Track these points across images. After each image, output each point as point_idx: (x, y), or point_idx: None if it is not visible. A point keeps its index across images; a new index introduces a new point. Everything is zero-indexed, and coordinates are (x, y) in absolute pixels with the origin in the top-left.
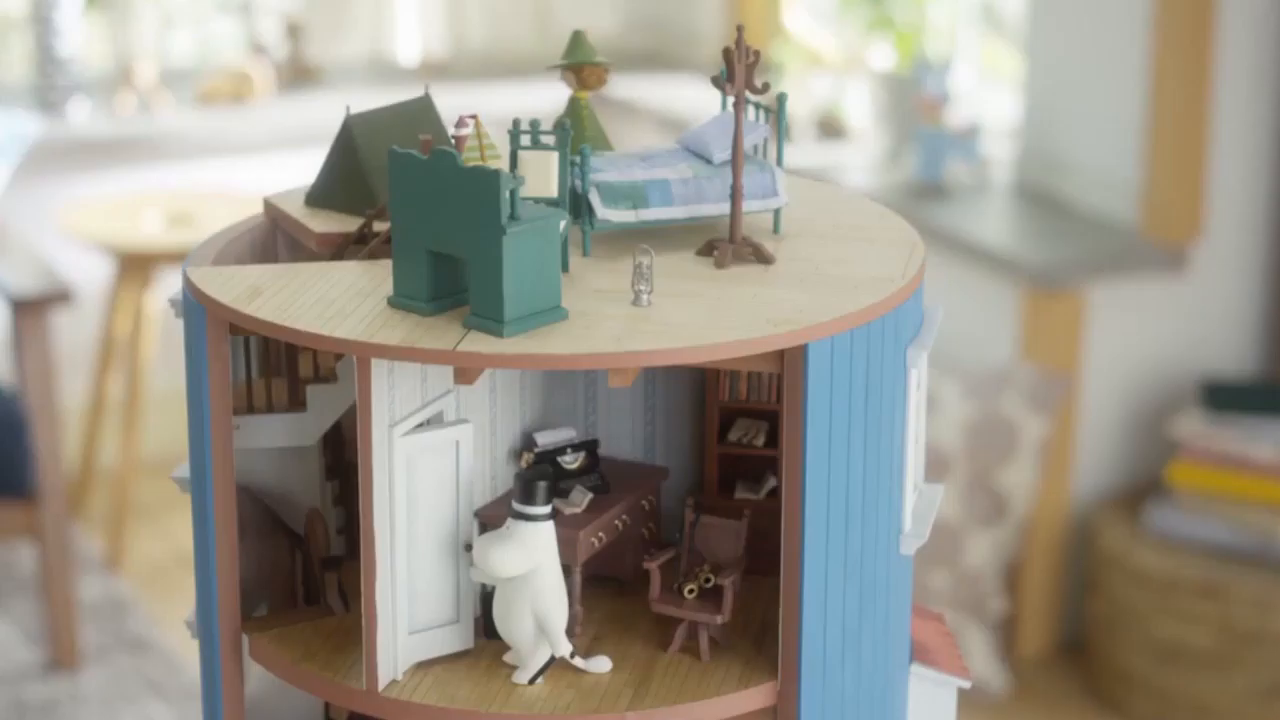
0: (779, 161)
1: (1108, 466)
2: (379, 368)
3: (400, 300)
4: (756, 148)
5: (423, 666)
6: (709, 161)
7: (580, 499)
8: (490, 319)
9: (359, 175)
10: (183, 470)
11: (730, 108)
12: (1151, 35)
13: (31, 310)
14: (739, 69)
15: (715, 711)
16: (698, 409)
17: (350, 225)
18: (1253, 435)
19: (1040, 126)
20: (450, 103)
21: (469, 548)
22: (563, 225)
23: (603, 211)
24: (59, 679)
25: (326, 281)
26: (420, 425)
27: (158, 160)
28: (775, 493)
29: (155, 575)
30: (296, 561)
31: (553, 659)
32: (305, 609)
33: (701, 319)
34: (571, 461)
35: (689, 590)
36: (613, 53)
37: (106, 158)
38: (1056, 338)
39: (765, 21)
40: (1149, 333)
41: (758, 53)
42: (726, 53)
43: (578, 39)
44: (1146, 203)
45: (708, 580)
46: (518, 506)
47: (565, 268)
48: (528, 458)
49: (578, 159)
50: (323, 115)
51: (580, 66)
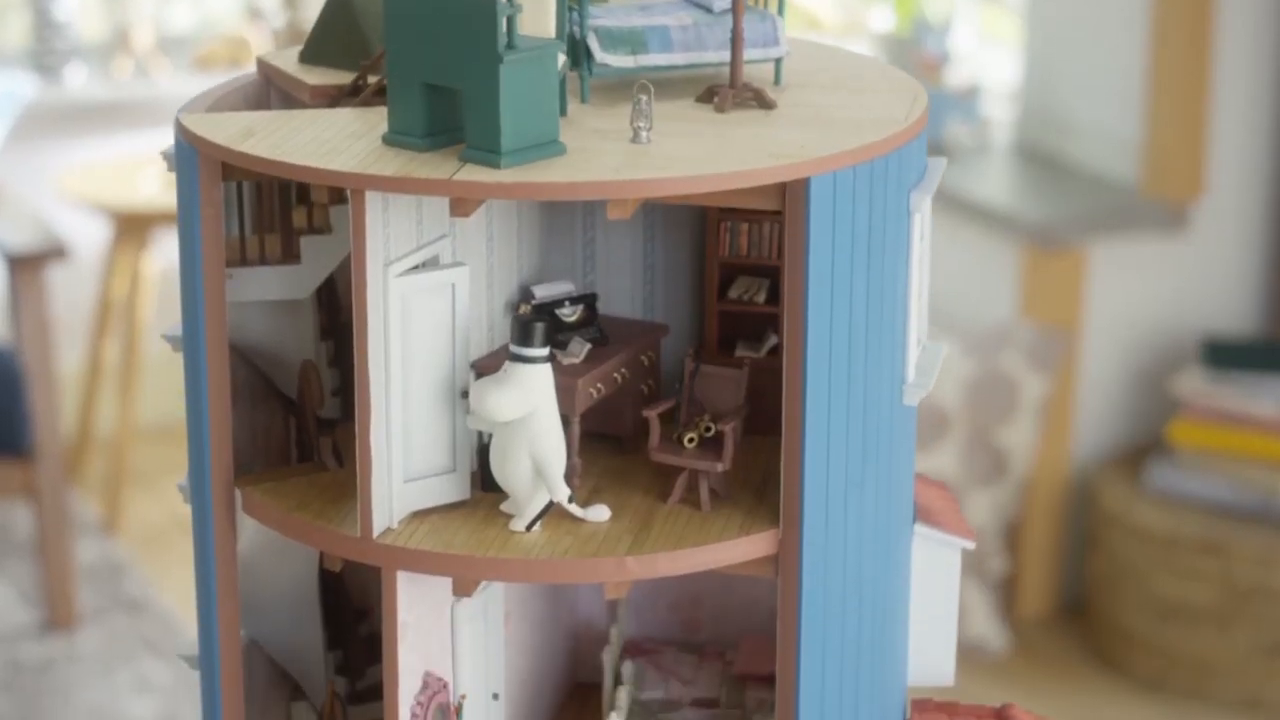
0: (780, 11)
1: (1108, 424)
2: (373, 203)
3: (395, 137)
4: None
5: (418, 516)
6: (709, 10)
7: (579, 350)
8: (487, 150)
9: (353, 27)
10: (175, 328)
11: None
12: None
13: (28, 267)
14: None
15: (715, 557)
16: (697, 267)
17: (345, 79)
18: (1253, 392)
19: (1040, 86)
20: None
21: (465, 395)
22: (561, 61)
23: (601, 56)
24: (55, 639)
25: (320, 124)
26: (416, 267)
27: (155, 125)
28: (776, 351)
29: (152, 538)
30: (290, 428)
31: (550, 504)
32: (299, 466)
33: (702, 154)
34: (570, 314)
35: (689, 439)
36: None
37: (103, 122)
38: (1057, 295)
39: None
40: (1150, 291)
41: None
42: None
43: None
44: (1147, 161)
45: (708, 429)
46: (514, 349)
47: (564, 111)
48: (525, 309)
49: (576, 4)
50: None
51: None
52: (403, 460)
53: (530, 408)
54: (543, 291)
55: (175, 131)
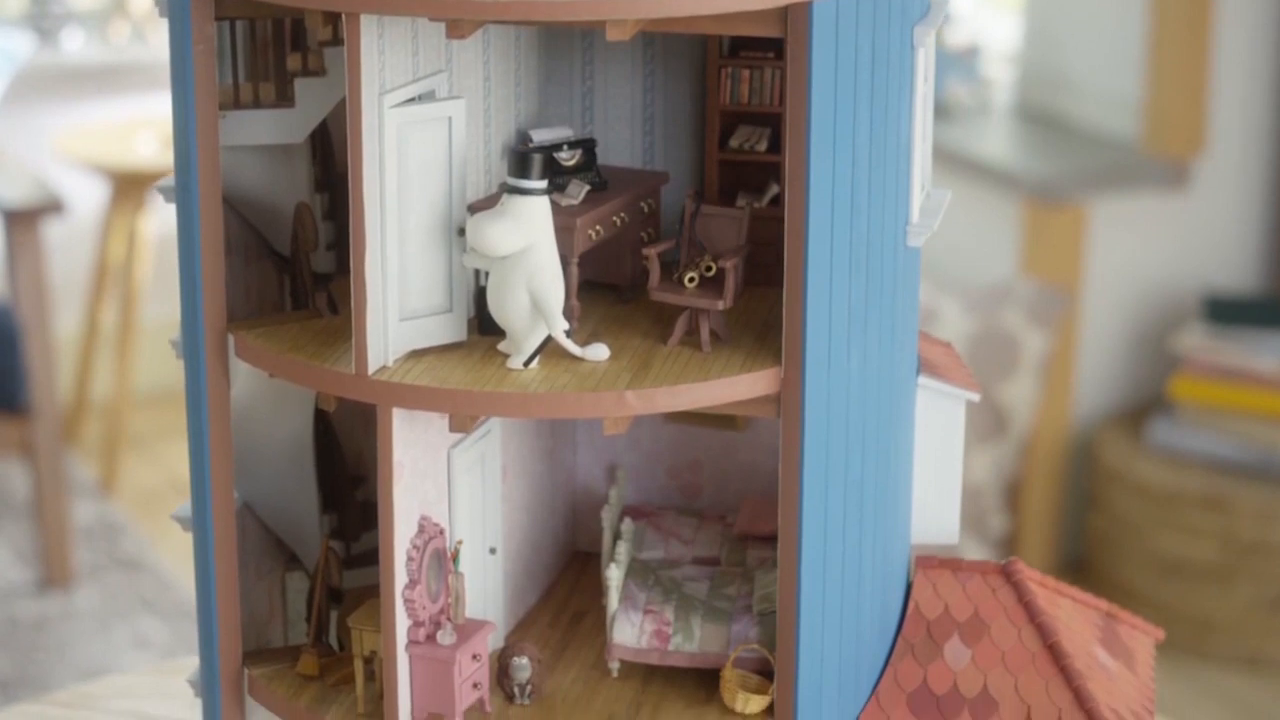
0: None
1: (1109, 381)
2: (369, 28)
3: None
4: None
5: (414, 356)
6: None
7: (577, 192)
8: None
9: None
10: (167, 180)
11: None
12: None
13: (24, 222)
14: None
15: (716, 394)
16: (698, 116)
17: None
18: (1254, 349)
19: (1041, 45)
20: None
21: (462, 232)
22: None
23: None
24: (52, 597)
25: None
26: (412, 99)
27: (151, 88)
28: (777, 201)
29: (149, 500)
30: (284, 287)
31: (549, 339)
32: (293, 313)
33: None
34: (568, 158)
35: (689, 279)
36: None
37: (100, 85)
38: (1058, 252)
39: None
40: (1150, 247)
41: None
42: None
43: None
44: (1148, 119)
45: (709, 269)
46: (512, 181)
47: None
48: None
49: None
50: None
51: None
52: (398, 297)
53: (528, 241)
54: (540, 135)
55: None
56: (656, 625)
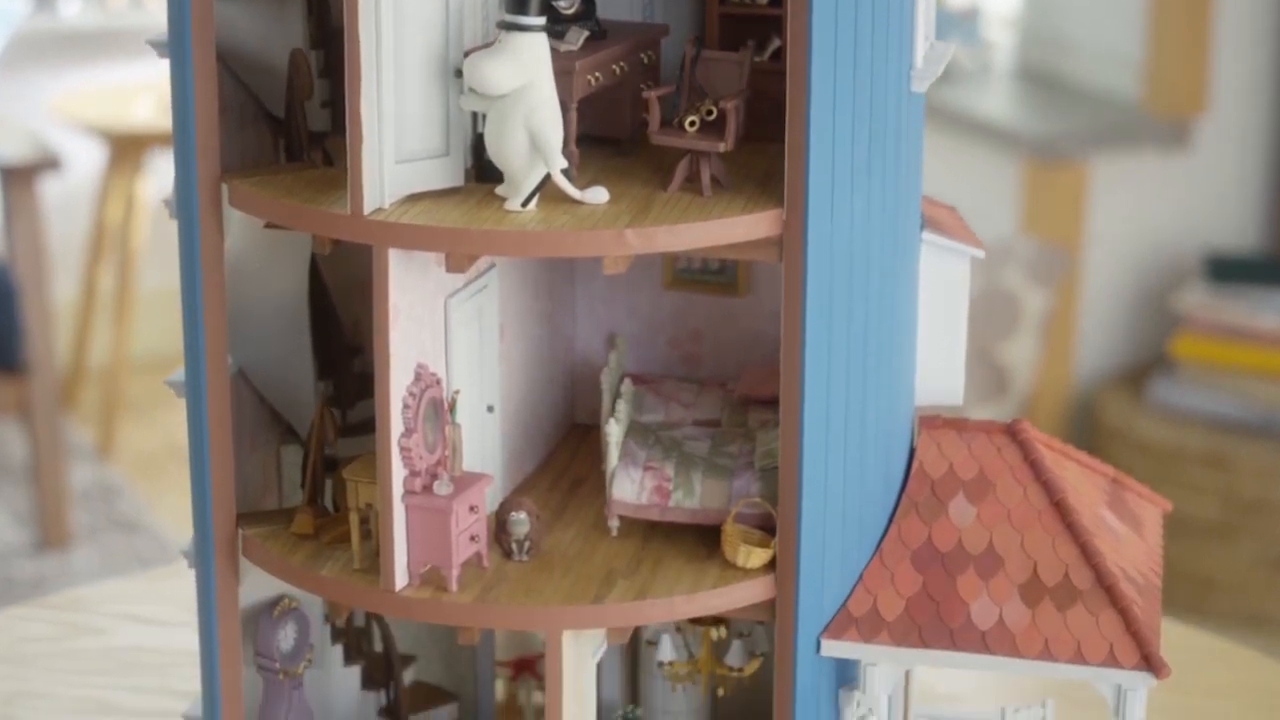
0: None
1: (1110, 340)
2: None
3: None
4: None
5: (411, 199)
6: None
7: (576, 38)
8: None
9: None
10: (160, 34)
11: None
12: None
13: (21, 178)
14: None
15: (717, 234)
16: None
17: None
18: (1256, 307)
19: (1041, 6)
20: None
21: (459, 74)
22: None
23: None
24: (49, 557)
25: None
26: None
27: (149, 55)
28: (779, 55)
29: (146, 464)
30: (279, 150)
31: (547, 179)
32: (288, 165)
33: None
34: (568, 6)
35: (690, 123)
36: None
37: (98, 50)
38: (1059, 211)
39: None
40: (1152, 206)
41: None
42: None
43: None
44: (1150, 78)
45: (709, 113)
46: (509, 18)
47: None
48: None
49: None
50: None
51: None
52: (395, 138)
53: (526, 78)
54: None
55: None
56: (657, 481)
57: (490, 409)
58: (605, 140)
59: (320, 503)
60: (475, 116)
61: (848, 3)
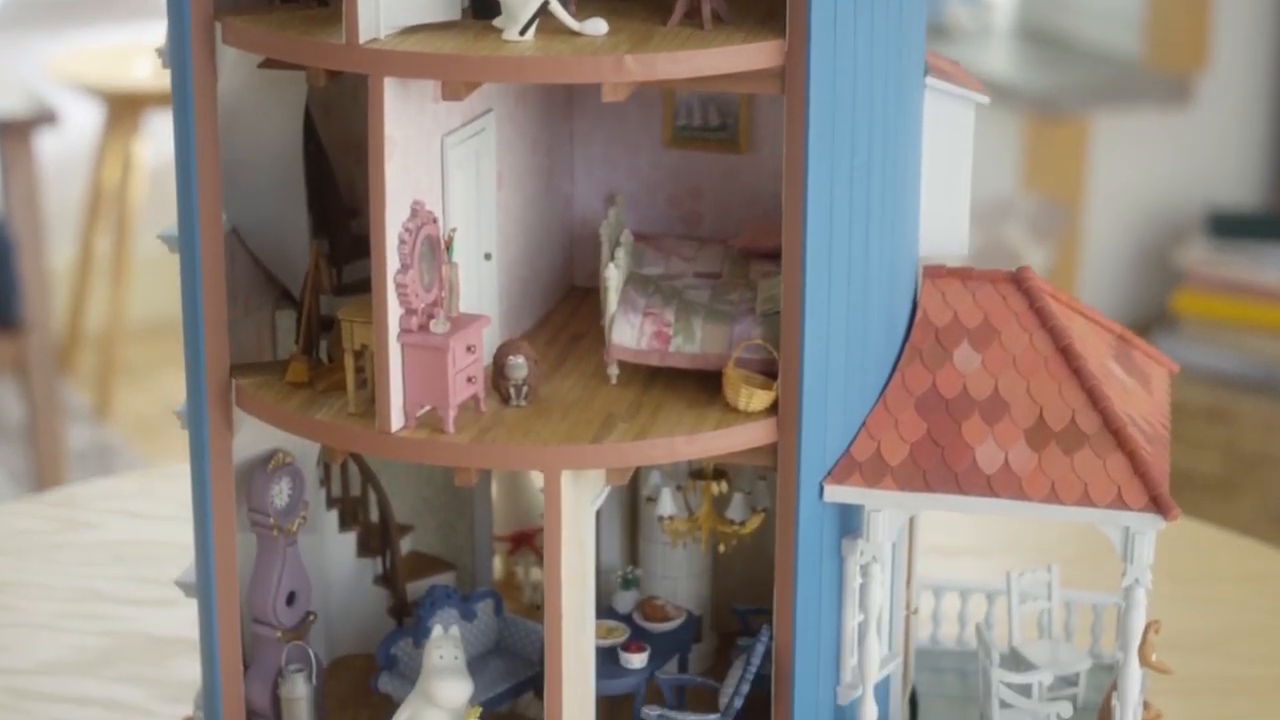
0: None
1: (1112, 296)
2: None
3: None
4: None
5: (407, 31)
6: None
7: None
8: None
9: None
10: None
11: None
12: None
13: (17, 133)
14: None
15: (718, 62)
16: None
17: None
18: (1258, 263)
19: None
20: None
21: None
22: None
23: None
24: None
25: None
26: None
27: (147, 17)
28: None
29: (143, 426)
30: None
31: (545, 6)
32: (282, 4)
33: None
34: None
35: None
36: None
37: (96, 12)
38: (1060, 167)
39: None
40: (1153, 162)
41: None
42: None
43: None
44: (1151, 34)
45: None
46: None
47: None
48: None
49: None
50: None
51: None
52: None
53: None
54: None
55: None
56: (657, 327)
57: (488, 256)
58: None
59: (315, 355)
60: None
61: None
